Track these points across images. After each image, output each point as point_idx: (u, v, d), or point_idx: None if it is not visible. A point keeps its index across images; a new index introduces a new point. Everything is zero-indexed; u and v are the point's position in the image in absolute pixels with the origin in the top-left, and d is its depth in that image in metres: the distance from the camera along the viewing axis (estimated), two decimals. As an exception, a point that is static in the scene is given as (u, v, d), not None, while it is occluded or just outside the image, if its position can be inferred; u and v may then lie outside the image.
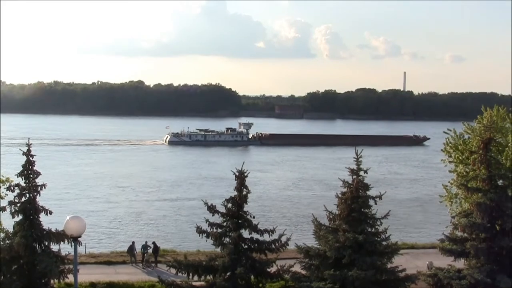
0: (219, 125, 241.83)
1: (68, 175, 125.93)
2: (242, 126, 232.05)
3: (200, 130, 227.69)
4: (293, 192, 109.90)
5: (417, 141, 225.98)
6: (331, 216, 35.68)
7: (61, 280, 34.05)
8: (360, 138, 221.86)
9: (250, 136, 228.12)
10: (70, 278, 33.11)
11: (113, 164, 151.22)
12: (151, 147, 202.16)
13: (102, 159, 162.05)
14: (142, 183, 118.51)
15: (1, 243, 33.29)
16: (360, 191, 34.28)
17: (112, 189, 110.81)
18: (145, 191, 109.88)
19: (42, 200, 34.46)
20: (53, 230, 33.13)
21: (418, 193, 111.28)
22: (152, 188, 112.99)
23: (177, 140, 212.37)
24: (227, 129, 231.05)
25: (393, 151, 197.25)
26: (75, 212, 32.70)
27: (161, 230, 77.58)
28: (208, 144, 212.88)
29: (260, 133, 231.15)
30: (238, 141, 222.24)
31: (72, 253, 27.75)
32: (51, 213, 33.05)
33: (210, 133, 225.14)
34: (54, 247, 33.70)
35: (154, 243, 51.75)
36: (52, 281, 33.99)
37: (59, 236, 32.53)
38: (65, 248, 33.37)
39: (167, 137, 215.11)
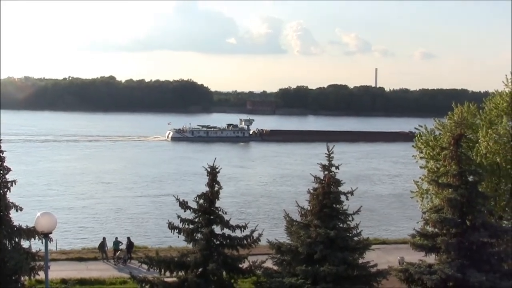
0: (191, 121, 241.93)
1: (56, 171, 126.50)
2: (243, 122, 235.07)
3: (202, 126, 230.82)
4: (279, 187, 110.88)
5: (412, 137, 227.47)
6: (302, 212, 35.72)
7: (32, 277, 33.71)
8: (359, 134, 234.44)
9: (251, 132, 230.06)
10: (41, 275, 32.80)
11: (114, 160, 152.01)
12: (154, 143, 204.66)
13: (100, 155, 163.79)
14: (128, 179, 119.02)
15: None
16: (332, 186, 34.36)
17: (96, 185, 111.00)
18: (128, 187, 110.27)
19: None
20: (24, 226, 32.81)
21: (400, 188, 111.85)
22: (136, 184, 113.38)
23: (180, 136, 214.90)
24: (228, 125, 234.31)
25: (389, 146, 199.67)
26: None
27: (137, 226, 77.52)
28: (210, 140, 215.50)
29: (261, 129, 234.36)
30: (239, 137, 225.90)
31: (43, 250, 27.54)
32: (21, 209, 32.67)
33: (212, 129, 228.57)
34: (24, 243, 33.39)
35: (128, 238, 51.59)
36: (22, 278, 33.63)
37: (30, 233, 32.18)
38: (36, 245, 33.12)
39: (169, 133, 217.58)
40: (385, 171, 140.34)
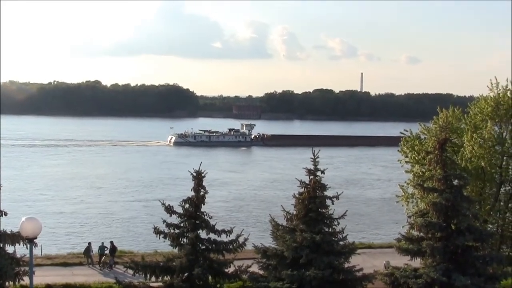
0: (177, 125, 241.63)
1: (48, 176, 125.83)
2: (244, 127, 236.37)
3: (204, 131, 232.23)
4: (273, 192, 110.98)
5: None
6: (288, 216, 35.71)
7: (17, 282, 33.62)
8: (360, 139, 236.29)
9: (253, 136, 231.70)
10: (26, 280, 32.71)
11: (116, 165, 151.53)
12: (157, 147, 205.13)
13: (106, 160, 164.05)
14: (125, 184, 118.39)
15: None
16: (317, 191, 34.38)
17: (89, 190, 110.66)
18: (123, 191, 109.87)
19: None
20: (8, 231, 32.64)
21: (389, 192, 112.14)
22: (131, 189, 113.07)
23: (183, 141, 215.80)
24: (230, 129, 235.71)
25: (387, 151, 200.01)
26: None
27: (126, 231, 77.19)
28: (212, 145, 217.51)
29: (263, 134, 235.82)
30: (241, 141, 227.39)
31: (28, 255, 27.43)
32: (6, 214, 32.58)
33: (214, 134, 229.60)
34: (9, 249, 33.24)
35: (111, 242, 51.41)
36: (7, 283, 33.54)
37: (14, 238, 32.07)
38: (21, 250, 32.96)
39: (172, 137, 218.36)
40: (375, 176, 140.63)
